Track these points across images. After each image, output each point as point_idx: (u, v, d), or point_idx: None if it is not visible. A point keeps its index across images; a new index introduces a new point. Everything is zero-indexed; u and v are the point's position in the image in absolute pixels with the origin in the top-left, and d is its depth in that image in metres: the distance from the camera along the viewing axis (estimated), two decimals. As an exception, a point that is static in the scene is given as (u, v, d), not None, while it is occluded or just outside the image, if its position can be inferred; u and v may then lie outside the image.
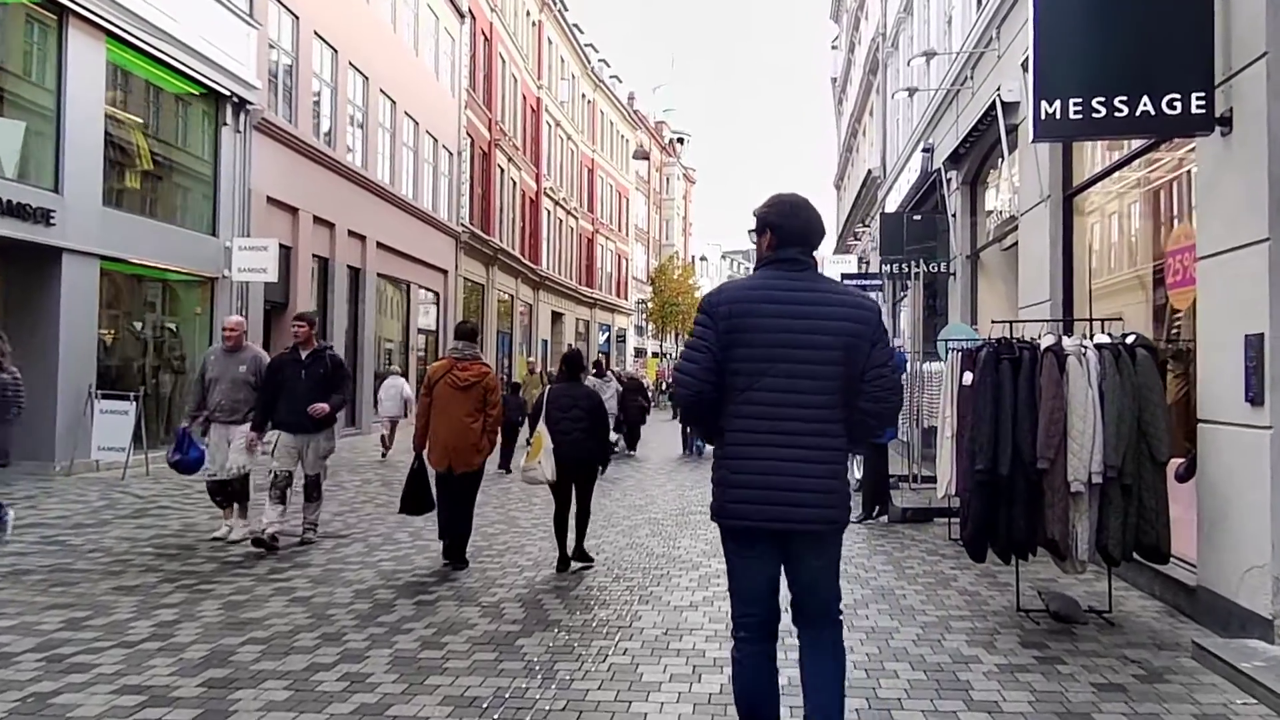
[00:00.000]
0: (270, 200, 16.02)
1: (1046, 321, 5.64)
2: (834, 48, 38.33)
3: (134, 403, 11.33)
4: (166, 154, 13.91)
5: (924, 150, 14.19)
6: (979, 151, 11.47)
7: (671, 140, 65.71)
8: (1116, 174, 7.50)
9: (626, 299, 51.40)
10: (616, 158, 49.01)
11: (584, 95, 43.00)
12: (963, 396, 6.59)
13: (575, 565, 6.71)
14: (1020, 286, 9.17)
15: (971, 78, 11.34)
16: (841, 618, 3.12)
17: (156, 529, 7.94)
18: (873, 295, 21.39)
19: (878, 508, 8.96)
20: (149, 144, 13.36)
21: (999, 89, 9.26)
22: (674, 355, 49.70)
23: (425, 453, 6.78)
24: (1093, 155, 7.99)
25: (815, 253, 3.17)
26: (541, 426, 6.69)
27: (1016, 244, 10.38)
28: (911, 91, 13.00)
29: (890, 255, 13.26)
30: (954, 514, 7.93)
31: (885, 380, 2.98)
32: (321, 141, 18.21)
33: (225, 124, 14.65)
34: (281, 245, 16.11)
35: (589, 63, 43.01)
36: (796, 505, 2.91)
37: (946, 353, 7.71)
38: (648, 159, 52.48)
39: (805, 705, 3.04)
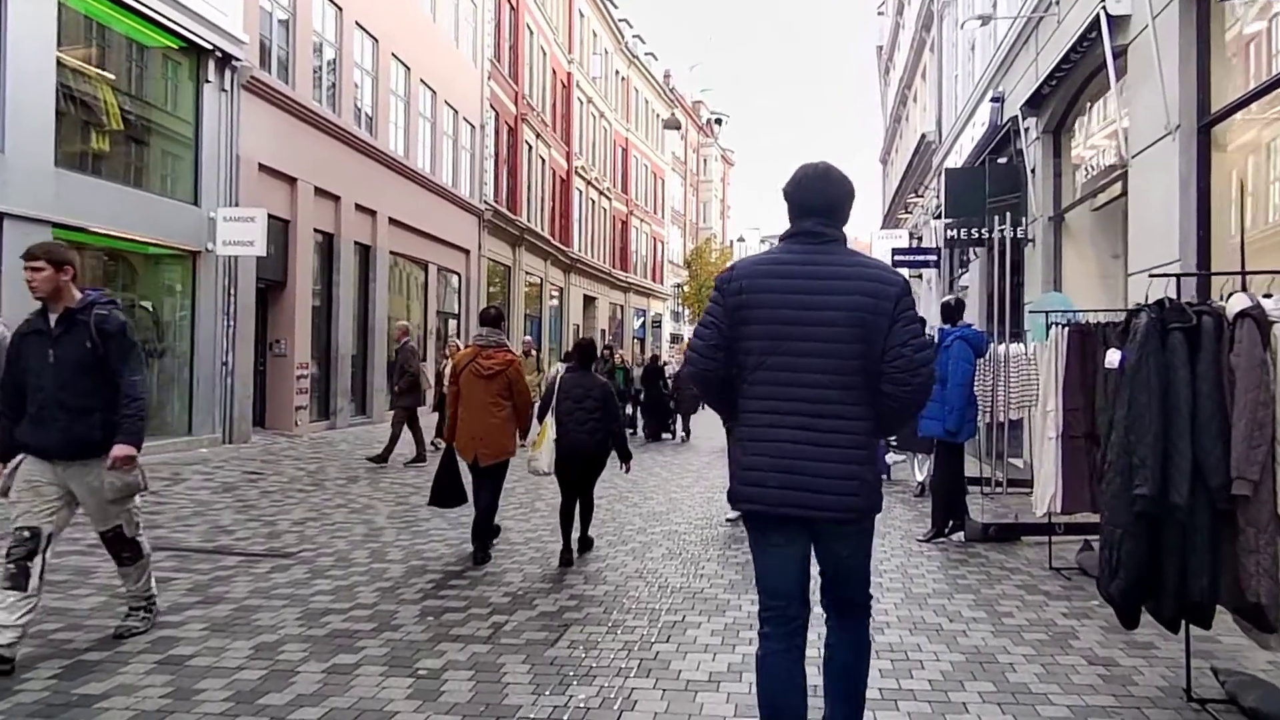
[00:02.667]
0: (263, 168, 14.56)
1: (1235, 274, 3.84)
2: (880, 14, 36.13)
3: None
4: (139, 112, 12.46)
5: (993, 100, 12.31)
6: (1066, 91, 9.61)
7: (709, 120, 63.63)
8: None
9: (662, 283, 49.67)
10: (652, 138, 47.11)
11: (617, 72, 41.17)
12: (1090, 386, 4.91)
13: (577, 557, 6.43)
14: (1131, 245, 7.39)
15: (1057, 2, 9.48)
16: (870, 604, 2.96)
17: (68, 544, 6.46)
18: (928, 271, 19.53)
19: (951, 523, 7.19)
20: (117, 100, 11.93)
21: (1103, 2, 7.45)
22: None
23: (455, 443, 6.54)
24: (1244, 71, 6.18)
25: (846, 226, 2.91)
26: (550, 418, 6.40)
27: (1113, 200, 8.61)
28: (985, 19, 11.07)
29: (959, 216, 11.28)
30: (1051, 530, 6.26)
31: (905, 360, 2.69)
32: (325, 106, 16.70)
33: (208, 81, 13.19)
34: (278, 218, 14.76)
35: (623, 38, 41.14)
36: (813, 491, 2.71)
37: (1048, 327, 5.97)
38: (679, 128, 50.28)
39: (825, 708, 2.92)
